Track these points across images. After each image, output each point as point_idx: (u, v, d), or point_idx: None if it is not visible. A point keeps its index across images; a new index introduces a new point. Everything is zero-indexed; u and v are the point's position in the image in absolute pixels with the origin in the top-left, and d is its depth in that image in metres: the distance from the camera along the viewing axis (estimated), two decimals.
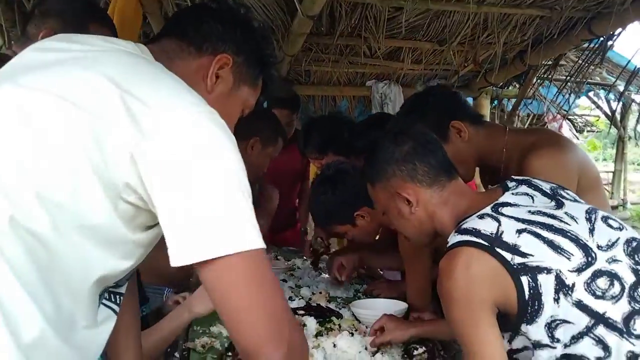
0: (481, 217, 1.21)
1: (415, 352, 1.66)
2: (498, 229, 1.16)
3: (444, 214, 1.35)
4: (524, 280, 1.10)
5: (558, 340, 1.08)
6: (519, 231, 1.15)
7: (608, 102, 6.67)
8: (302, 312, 1.92)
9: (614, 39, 3.05)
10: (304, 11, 2.36)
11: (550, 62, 3.68)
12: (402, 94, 3.86)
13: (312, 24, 2.55)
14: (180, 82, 0.87)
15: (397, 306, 1.93)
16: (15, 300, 0.71)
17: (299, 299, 2.14)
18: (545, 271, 1.09)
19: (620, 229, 1.20)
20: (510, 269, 1.11)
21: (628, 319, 1.05)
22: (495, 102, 4.57)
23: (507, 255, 1.12)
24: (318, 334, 1.77)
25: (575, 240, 1.13)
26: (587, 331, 1.06)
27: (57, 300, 0.76)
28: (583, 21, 2.78)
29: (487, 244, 1.14)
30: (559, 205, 1.24)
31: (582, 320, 1.06)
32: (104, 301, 0.93)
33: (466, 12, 2.82)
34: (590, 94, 5.86)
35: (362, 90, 4.03)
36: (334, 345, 1.66)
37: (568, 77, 3.76)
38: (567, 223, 1.17)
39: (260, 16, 2.71)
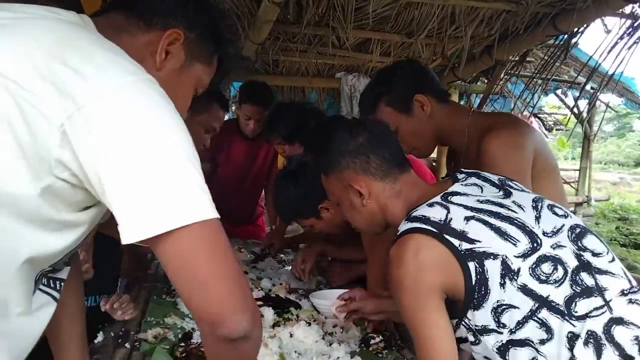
0: (431, 205, 1.22)
1: (372, 342, 1.66)
2: (447, 216, 1.16)
3: (395, 206, 1.35)
4: (471, 265, 1.10)
5: (504, 326, 1.09)
6: (467, 218, 1.16)
7: (575, 100, 6.78)
8: (260, 302, 1.90)
9: (578, 35, 3.09)
10: None
11: (517, 58, 3.72)
12: None
13: (278, 11, 2.51)
14: (119, 51, 0.82)
15: None
16: None
17: (259, 290, 2.12)
18: (492, 257, 1.10)
19: (565, 216, 1.22)
20: (458, 255, 1.11)
21: (569, 301, 1.07)
22: (464, 97, 4.60)
23: (455, 242, 1.12)
24: (275, 324, 1.76)
25: (522, 227, 1.15)
26: (532, 315, 1.07)
27: None
28: (548, 17, 2.81)
29: (435, 230, 1.14)
30: (507, 194, 1.25)
31: (526, 305, 1.07)
32: (42, 287, 0.89)
33: (434, 4, 2.82)
34: (558, 91, 5.94)
35: (331, 82, 3.98)
36: (291, 335, 1.65)
37: (535, 74, 3.80)
38: (514, 211, 1.19)
39: (225, 2, 2.66)
